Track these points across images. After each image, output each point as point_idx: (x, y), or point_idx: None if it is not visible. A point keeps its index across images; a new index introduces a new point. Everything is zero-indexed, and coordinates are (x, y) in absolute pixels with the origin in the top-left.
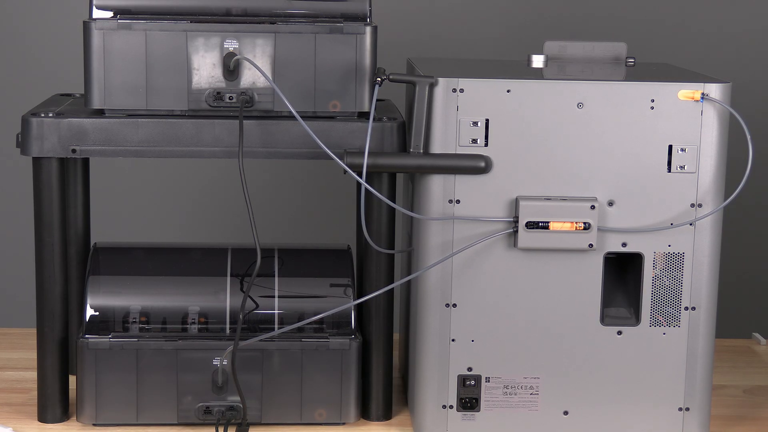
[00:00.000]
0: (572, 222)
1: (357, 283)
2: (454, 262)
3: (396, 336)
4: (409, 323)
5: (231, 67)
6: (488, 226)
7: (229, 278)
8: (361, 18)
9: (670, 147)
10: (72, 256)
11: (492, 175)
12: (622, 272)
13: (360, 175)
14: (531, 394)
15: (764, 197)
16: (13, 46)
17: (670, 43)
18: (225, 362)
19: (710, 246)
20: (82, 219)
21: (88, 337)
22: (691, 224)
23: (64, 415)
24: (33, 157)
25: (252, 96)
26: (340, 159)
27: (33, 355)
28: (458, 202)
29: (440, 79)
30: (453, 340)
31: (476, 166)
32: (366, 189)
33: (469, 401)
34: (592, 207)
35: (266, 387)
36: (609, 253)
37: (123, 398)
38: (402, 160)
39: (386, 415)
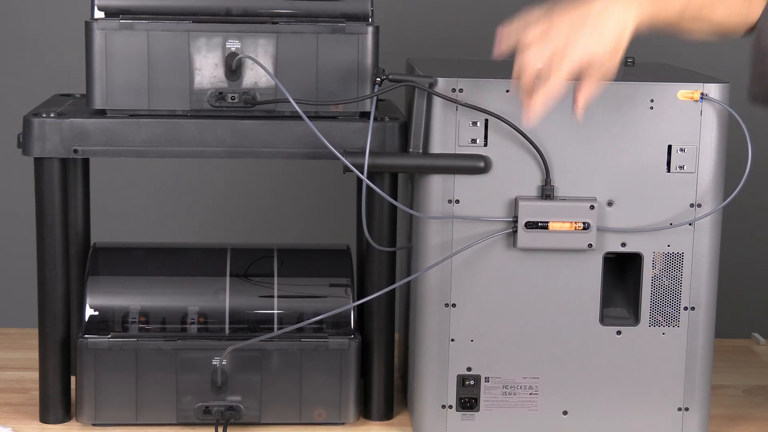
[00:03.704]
0: (571, 222)
1: (357, 283)
2: (454, 262)
3: (396, 336)
4: (408, 323)
5: (233, 67)
6: (487, 226)
7: (228, 278)
8: (362, 18)
9: (670, 147)
10: (72, 256)
11: (491, 175)
12: (622, 272)
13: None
14: (530, 394)
15: (764, 197)
16: (14, 47)
17: (670, 43)
18: (224, 362)
19: (709, 246)
20: (82, 219)
21: (87, 337)
22: (690, 224)
23: (66, 416)
24: (35, 158)
25: (254, 96)
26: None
27: (33, 355)
28: (457, 202)
29: (439, 79)
30: (452, 340)
31: (475, 166)
32: (367, 188)
33: (468, 401)
34: (592, 207)
35: (265, 387)
36: (608, 253)
37: (122, 398)
38: (401, 160)
39: (387, 415)
